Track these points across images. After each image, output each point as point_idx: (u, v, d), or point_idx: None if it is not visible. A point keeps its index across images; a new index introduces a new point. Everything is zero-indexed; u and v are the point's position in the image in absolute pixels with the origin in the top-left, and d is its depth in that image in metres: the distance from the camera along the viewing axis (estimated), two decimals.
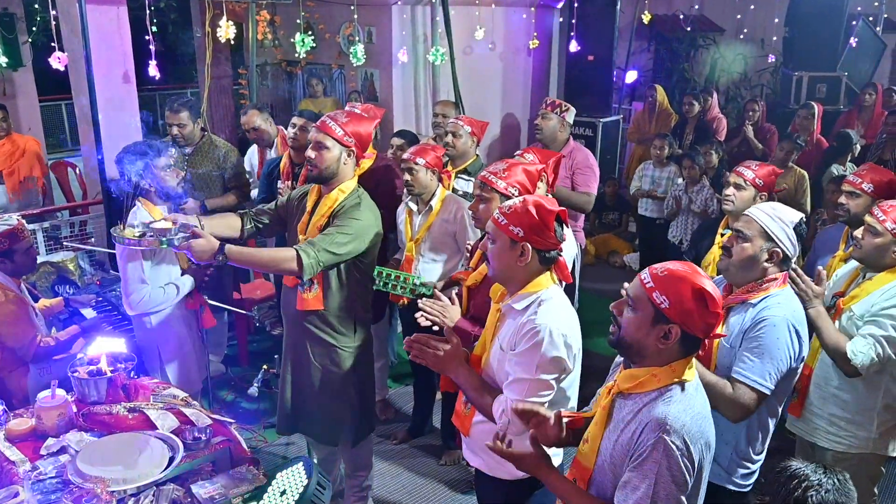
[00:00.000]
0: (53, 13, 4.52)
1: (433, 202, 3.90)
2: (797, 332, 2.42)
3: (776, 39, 9.00)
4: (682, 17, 9.58)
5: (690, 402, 1.87)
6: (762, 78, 10.37)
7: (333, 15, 7.16)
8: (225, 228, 3.21)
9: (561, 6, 7.96)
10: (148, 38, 4.58)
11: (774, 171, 3.57)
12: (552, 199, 2.49)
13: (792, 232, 2.48)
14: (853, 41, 8.04)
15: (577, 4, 6.90)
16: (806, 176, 5.47)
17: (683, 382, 1.89)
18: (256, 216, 3.31)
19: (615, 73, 8.04)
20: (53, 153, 10.82)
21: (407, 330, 4.30)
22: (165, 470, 2.42)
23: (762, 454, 2.60)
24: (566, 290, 2.46)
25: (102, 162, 5.25)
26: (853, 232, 3.00)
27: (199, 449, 2.57)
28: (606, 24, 7.40)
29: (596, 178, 4.69)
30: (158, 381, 3.17)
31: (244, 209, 4.86)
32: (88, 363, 2.90)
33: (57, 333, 3.54)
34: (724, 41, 10.43)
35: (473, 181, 3.45)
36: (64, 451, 2.57)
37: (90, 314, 3.99)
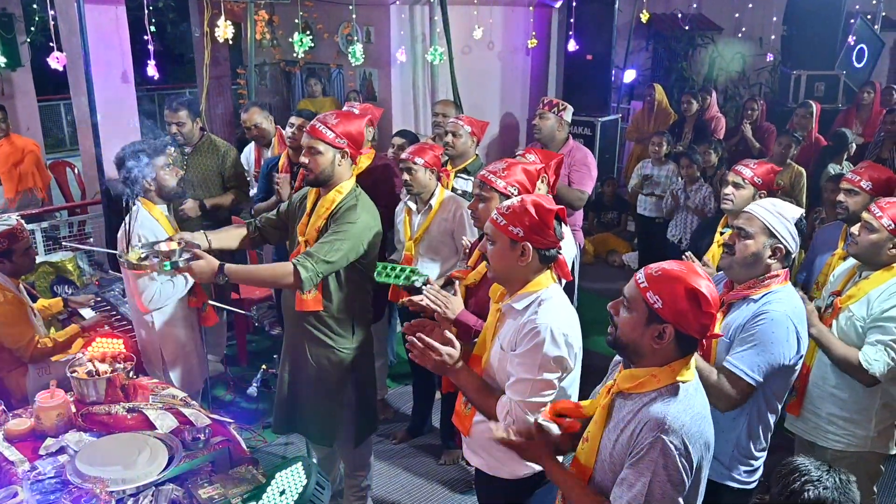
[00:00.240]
0: (52, 13, 4.52)
1: (432, 201, 3.90)
2: (796, 328, 2.41)
3: (774, 38, 9.02)
4: (680, 15, 9.58)
5: (690, 402, 1.87)
6: (760, 77, 10.38)
7: (332, 14, 7.16)
8: (232, 240, 3.27)
9: (559, 5, 7.96)
10: (146, 37, 4.58)
11: (773, 169, 3.57)
12: (550, 197, 2.49)
13: (793, 227, 2.47)
14: (851, 39, 8.05)
15: (575, 3, 6.90)
16: (803, 173, 5.47)
17: (683, 383, 1.89)
18: (261, 225, 3.34)
19: (613, 72, 8.05)
20: (52, 153, 10.83)
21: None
22: (164, 470, 2.42)
23: (764, 451, 2.59)
24: (565, 289, 2.46)
25: (101, 162, 5.25)
26: (850, 229, 3.00)
27: (198, 449, 2.57)
28: (605, 23, 7.41)
29: (592, 177, 4.69)
30: (157, 381, 3.17)
31: (242, 209, 4.86)
32: (87, 363, 2.90)
33: (55, 334, 3.54)
34: (722, 40, 10.44)
35: (473, 180, 3.44)
36: (63, 451, 2.57)
37: (89, 314, 3.98)
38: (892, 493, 3.97)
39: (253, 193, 4.83)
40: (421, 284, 3.30)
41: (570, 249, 3.32)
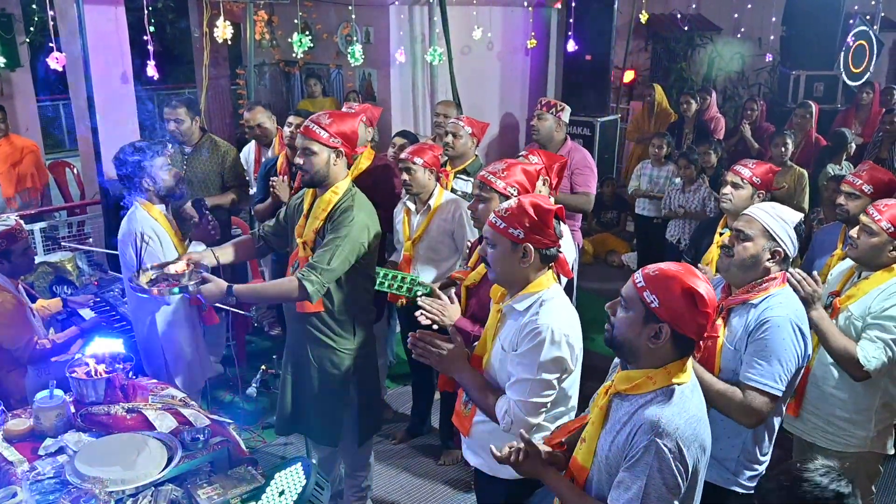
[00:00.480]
0: (51, 13, 4.52)
1: (431, 202, 3.90)
2: (801, 330, 2.40)
3: (773, 38, 9.01)
4: (679, 16, 9.59)
5: (685, 404, 1.87)
6: (759, 77, 10.39)
7: (331, 15, 7.17)
8: (239, 253, 3.33)
9: (559, 6, 7.97)
10: (146, 38, 4.58)
11: (772, 169, 3.57)
12: (546, 196, 2.49)
13: (792, 231, 2.46)
14: (850, 40, 8.05)
15: (574, 4, 6.90)
16: (805, 175, 5.46)
17: (679, 385, 1.88)
18: (264, 234, 3.36)
19: (613, 72, 8.05)
20: (51, 153, 10.80)
21: (405, 330, 4.30)
22: (164, 470, 2.43)
23: (768, 454, 2.58)
24: (564, 289, 2.46)
25: (100, 162, 5.25)
26: (849, 231, 2.99)
27: (197, 449, 2.57)
28: (604, 23, 7.41)
29: (594, 177, 4.69)
30: (157, 381, 3.17)
31: (242, 210, 4.86)
32: (86, 364, 2.90)
33: (55, 335, 3.54)
34: (721, 40, 10.45)
35: (472, 181, 3.44)
36: (62, 451, 2.58)
37: (88, 314, 3.98)
38: (891, 492, 3.97)
39: (252, 193, 4.83)
40: (422, 295, 3.30)
41: (569, 249, 3.32)
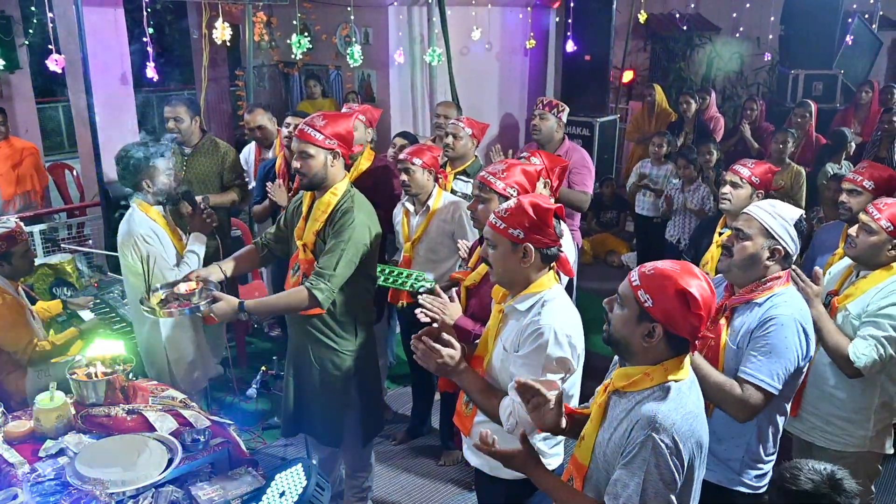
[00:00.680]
0: (50, 15, 4.53)
1: (430, 203, 3.90)
2: (804, 330, 2.39)
3: (772, 38, 9.02)
4: (678, 16, 9.60)
5: (682, 400, 1.87)
6: (758, 76, 10.39)
7: (330, 16, 7.17)
8: (245, 265, 3.37)
9: (557, 6, 7.97)
10: (145, 39, 4.58)
11: (771, 168, 3.57)
12: (546, 196, 2.49)
13: (793, 229, 2.44)
14: (849, 39, 8.06)
15: (573, 4, 6.91)
16: (803, 172, 5.46)
17: (677, 382, 1.89)
18: (267, 242, 3.37)
19: (612, 72, 8.05)
20: (51, 155, 10.81)
21: (406, 331, 4.30)
22: (164, 472, 2.42)
23: (773, 454, 2.57)
24: (564, 289, 2.46)
25: (100, 164, 5.25)
26: (848, 231, 2.99)
27: (197, 451, 2.58)
28: (603, 23, 7.41)
29: (592, 176, 4.69)
30: (157, 382, 3.17)
31: (242, 210, 4.85)
32: (87, 365, 2.90)
33: (54, 336, 3.54)
34: (720, 40, 10.45)
35: (472, 182, 3.44)
36: (63, 453, 2.57)
37: (88, 316, 3.98)
38: (890, 492, 3.98)
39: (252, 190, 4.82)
40: (428, 288, 3.31)
41: (569, 250, 3.32)
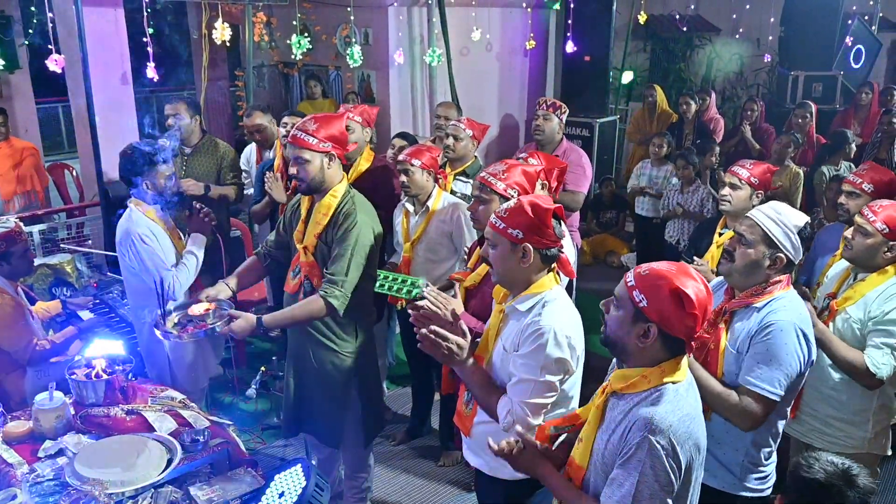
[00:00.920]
0: (50, 15, 4.52)
1: (429, 203, 3.90)
2: (805, 335, 2.37)
3: (772, 39, 9.02)
4: (677, 17, 9.59)
5: (680, 402, 1.87)
6: (758, 77, 10.40)
7: (329, 16, 7.17)
8: (251, 278, 3.37)
9: (557, 7, 7.97)
10: (145, 39, 4.58)
11: (769, 169, 3.57)
12: (546, 196, 2.49)
13: (796, 236, 2.42)
14: (849, 40, 8.06)
15: (573, 5, 6.91)
16: (801, 174, 5.47)
17: (674, 383, 1.89)
18: (268, 251, 3.37)
19: (611, 73, 8.05)
20: (50, 155, 10.80)
21: (405, 331, 4.30)
22: (163, 472, 2.42)
23: (773, 457, 2.56)
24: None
25: (100, 164, 5.25)
26: (844, 233, 2.98)
27: (197, 451, 2.58)
28: (603, 24, 7.42)
29: (587, 177, 4.69)
30: (156, 383, 3.17)
31: (241, 210, 4.84)
32: (86, 365, 2.89)
33: (53, 336, 3.54)
34: (719, 41, 10.46)
35: (472, 183, 3.44)
36: (62, 453, 2.57)
37: (87, 316, 3.98)
38: (891, 492, 3.98)
39: (249, 193, 4.82)
40: (422, 295, 3.31)
41: (569, 251, 3.31)
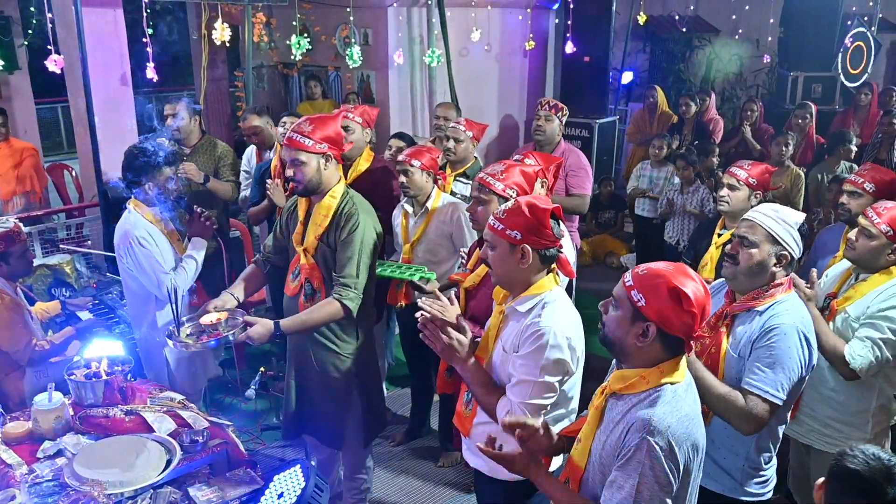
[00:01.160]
0: (49, 16, 4.52)
1: (429, 204, 3.90)
2: (807, 339, 2.36)
3: (771, 40, 9.04)
4: (677, 17, 9.60)
5: (678, 403, 1.87)
6: (758, 78, 10.40)
7: (329, 17, 7.17)
8: (253, 285, 3.35)
9: (557, 8, 7.98)
10: (144, 40, 4.58)
11: (767, 169, 3.57)
12: (545, 197, 2.49)
13: (796, 233, 2.42)
14: (848, 41, 8.06)
15: (572, 6, 6.91)
16: (802, 175, 5.47)
17: (672, 384, 1.89)
18: (268, 257, 3.37)
19: (611, 74, 8.06)
20: (50, 156, 10.80)
21: (405, 332, 4.30)
22: (162, 473, 2.42)
23: (773, 461, 2.56)
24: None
25: (99, 164, 5.24)
26: (849, 233, 2.98)
27: (196, 452, 2.58)
28: (602, 25, 7.42)
29: (590, 178, 4.69)
30: (155, 383, 3.17)
31: (240, 210, 4.84)
32: (85, 366, 2.89)
33: (52, 336, 3.54)
34: (719, 42, 10.46)
35: (472, 183, 3.44)
36: (61, 454, 2.57)
37: (86, 317, 3.98)
38: None
39: (245, 195, 4.82)
40: (426, 279, 3.33)
41: (569, 251, 3.32)
